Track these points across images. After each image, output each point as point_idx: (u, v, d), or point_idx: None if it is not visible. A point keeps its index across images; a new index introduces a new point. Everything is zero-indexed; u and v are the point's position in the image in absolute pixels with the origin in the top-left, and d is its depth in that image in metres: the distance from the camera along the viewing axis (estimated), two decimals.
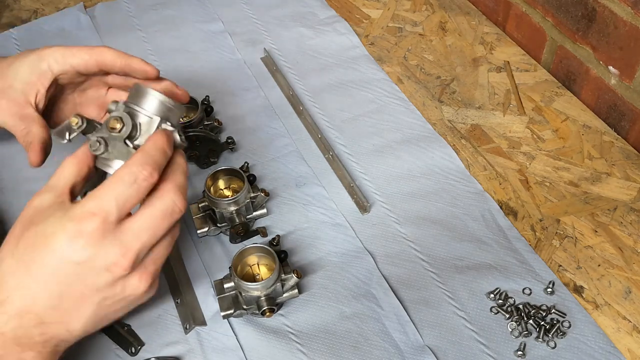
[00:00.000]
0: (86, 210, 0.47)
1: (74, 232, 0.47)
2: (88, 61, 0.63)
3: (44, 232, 0.48)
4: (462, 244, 0.70)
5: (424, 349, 0.61)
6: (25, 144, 0.63)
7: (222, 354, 0.61)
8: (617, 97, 0.82)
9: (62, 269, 0.47)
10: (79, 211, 0.47)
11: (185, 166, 0.52)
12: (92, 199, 0.48)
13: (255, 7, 1.02)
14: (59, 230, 0.47)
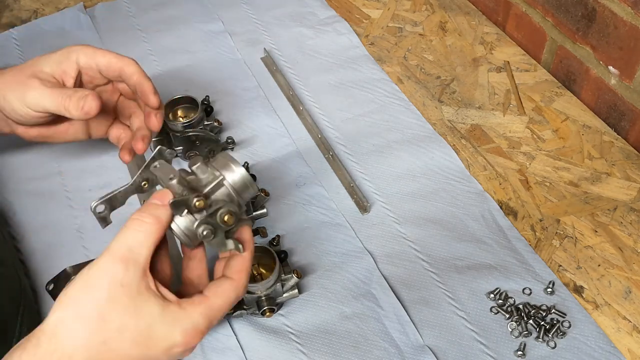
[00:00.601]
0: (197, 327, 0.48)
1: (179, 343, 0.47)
2: (114, 64, 0.64)
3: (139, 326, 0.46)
4: (462, 244, 0.70)
5: (424, 349, 0.61)
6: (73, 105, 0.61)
7: (222, 354, 0.61)
8: (617, 97, 0.82)
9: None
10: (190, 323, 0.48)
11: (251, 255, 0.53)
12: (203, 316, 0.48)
13: (255, 7, 1.02)
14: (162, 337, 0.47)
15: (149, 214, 0.48)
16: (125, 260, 0.46)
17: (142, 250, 0.47)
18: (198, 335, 0.48)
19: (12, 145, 0.81)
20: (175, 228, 0.50)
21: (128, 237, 0.47)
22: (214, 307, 0.49)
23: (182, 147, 0.76)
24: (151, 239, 0.48)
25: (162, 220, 0.48)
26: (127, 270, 0.46)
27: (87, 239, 0.70)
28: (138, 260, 0.47)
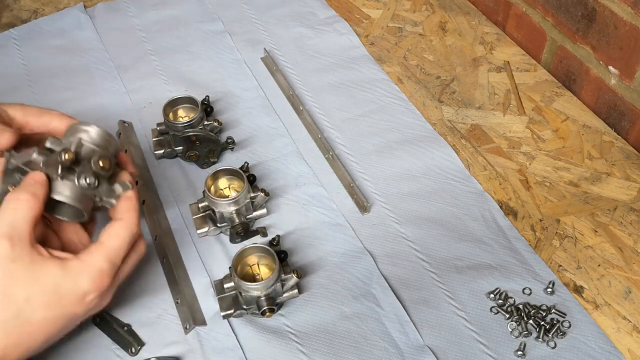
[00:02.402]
0: (102, 270, 0.52)
1: (90, 289, 0.51)
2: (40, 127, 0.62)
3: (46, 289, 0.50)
4: (462, 244, 0.70)
5: (424, 349, 0.61)
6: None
7: (222, 354, 0.61)
8: (617, 97, 0.82)
9: (68, 321, 0.52)
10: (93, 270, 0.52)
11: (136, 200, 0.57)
12: (106, 261, 0.52)
13: (255, 7, 1.02)
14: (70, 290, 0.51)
15: (24, 192, 0.51)
16: (9, 237, 0.49)
17: (23, 225, 0.50)
18: (105, 278, 0.52)
19: None
20: (63, 197, 0.52)
21: (8, 216, 0.50)
22: (111, 249, 0.53)
23: (182, 147, 0.76)
24: (30, 213, 0.50)
25: (38, 195, 0.51)
26: (14, 245, 0.49)
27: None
28: (22, 235, 0.49)
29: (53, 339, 0.53)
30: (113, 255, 0.53)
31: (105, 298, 0.55)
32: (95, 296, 0.52)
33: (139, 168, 0.77)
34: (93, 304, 0.53)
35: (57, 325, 0.51)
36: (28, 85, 0.89)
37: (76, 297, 0.51)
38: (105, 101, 0.86)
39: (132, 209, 0.55)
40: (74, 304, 0.51)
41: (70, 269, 0.51)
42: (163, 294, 0.66)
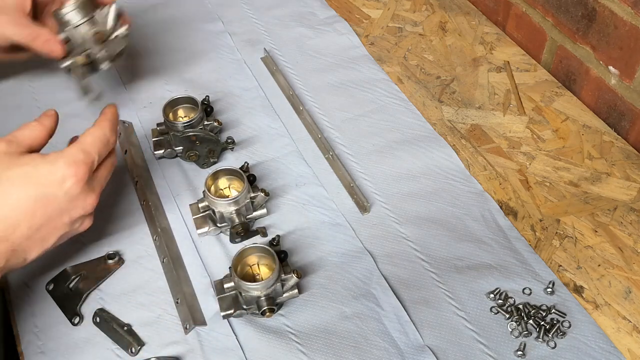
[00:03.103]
0: (77, 158, 0.57)
1: (67, 174, 0.56)
2: None
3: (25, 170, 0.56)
4: (462, 244, 0.70)
5: (424, 349, 0.61)
6: (39, 44, 0.73)
7: (222, 354, 0.61)
8: (617, 97, 0.82)
9: (49, 204, 0.56)
10: (69, 156, 0.57)
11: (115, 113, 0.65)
12: (80, 151, 0.58)
13: (255, 7, 1.02)
14: (47, 171, 0.56)
15: (35, 121, 0.60)
16: (8, 141, 0.57)
17: (23, 137, 0.58)
18: (80, 164, 0.57)
19: None
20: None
21: (16, 131, 0.59)
22: (85, 142, 0.59)
23: (182, 147, 0.76)
24: (34, 132, 0.59)
25: (45, 124, 0.60)
26: (9, 145, 0.57)
27: (87, 239, 0.70)
28: (20, 141, 0.58)
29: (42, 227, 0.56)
30: (87, 147, 0.58)
31: (90, 196, 0.59)
32: (74, 182, 0.57)
33: (139, 168, 0.77)
34: (74, 191, 0.57)
35: (38, 205, 0.55)
36: (28, 85, 0.89)
37: (54, 178, 0.56)
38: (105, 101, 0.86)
39: (106, 119, 0.62)
40: (52, 184, 0.56)
41: (48, 157, 0.57)
42: (163, 294, 0.66)
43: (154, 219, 0.72)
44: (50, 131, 0.61)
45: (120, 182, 0.76)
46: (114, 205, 0.74)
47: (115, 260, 0.67)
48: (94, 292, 0.66)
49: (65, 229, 0.59)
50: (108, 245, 0.70)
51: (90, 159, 0.58)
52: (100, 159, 0.60)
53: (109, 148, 0.62)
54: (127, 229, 0.71)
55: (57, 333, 0.63)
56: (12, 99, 0.86)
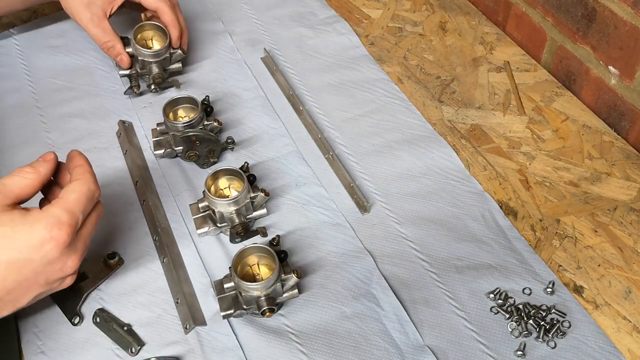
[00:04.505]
0: (60, 219, 0.53)
1: (47, 238, 0.52)
2: (151, 5, 0.84)
3: (3, 231, 0.52)
4: (462, 244, 0.70)
5: (424, 349, 0.61)
6: (113, 54, 0.84)
7: (222, 354, 0.61)
8: (617, 97, 0.82)
9: (23, 268, 0.52)
10: (50, 218, 0.53)
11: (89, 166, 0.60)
12: (63, 211, 0.54)
13: (255, 7, 1.02)
14: (26, 234, 0.52)
15: (29, 166, 0.57)
16: None
17: (13, 187, 0.54)
18: (63, 227, 0.53)
19: (13, 145, 0.81)
20: None
21: (6, 178, 0.55)
22: (69, 200, 0.55)
23: (182, 147, 0.76)
24: (25, 182, 0.55)
25: (40, 172, 0.57)
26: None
27: None
28: (7, 193, 0.54)
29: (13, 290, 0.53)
30: (71, 206, 0.54)
31: (70, 257, 0.55)
32: (54, 246, 0.53)
33: (139, 168, 0.77)
34: (52, 255, 0.53)
35: (11, 270, 0.52)
36: (28, 85, 0.89)
37: (32, 242, 0.52)
38: (105, 101, 0.86)
39: (86, 171, 0.58)
40: (29, 249, 0.52)
41: (28, 216, 0.53)
42: (163, 294, 0.66)
43: (154, 219, 0.72)
44: (44, 179, 0.57)
45: (120, 182, 0.76)
46: (113, 206, 0.74)
47: (115, 260, 0.67)
48: (94, 292, 0.66)
49: (40, 289, 0.55)
50: (108, 245, 0.70)
51: (74, 220, 0.54)
52: (85, 216, 0.56)
53: (94, 202, 0.58)
54: (127, 229, 0.71)
55: (57, 333, 0.63)
56: (12, 99, 0.86)
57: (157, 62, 0.84)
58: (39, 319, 0.64)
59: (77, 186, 0.56)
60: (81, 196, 0.55)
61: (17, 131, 0.82)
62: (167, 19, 0.84)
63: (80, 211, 0.55)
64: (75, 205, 0.55)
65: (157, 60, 0.84)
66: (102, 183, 0.75)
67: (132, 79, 0.85)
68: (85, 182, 0.57)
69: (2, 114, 0.85)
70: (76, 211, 0.54)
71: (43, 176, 0.57)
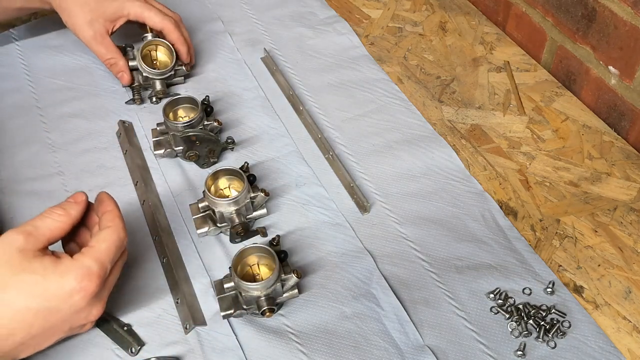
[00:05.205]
0: (90, 270, 0.53)
1: (76, 289, 0.53)
2: (156, 25, 0.84)
3: (34, 279, 0.52)
4: (462, 244, 0.70)
5: (424, 349, 0.61)
6: (115, 71, 0.84)
7: (222, 354, 0.61)
8: (617, 97, 0.82)
9: (50, 316, 0.53)
10: (81, 269, 0.53)
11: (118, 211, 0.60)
12: (94, 262, 0.54)
13: (255, 7, 1.02)
14: (56, 285, 0.52)
15: (60, 207, 0.57)
16: (27, 233, 0.53)
17: (45, 230, 0.54)
18: (93, 278, 0.53)
19: (13, 145, 0.81)
20: None
21: (37, 219, 0.55)
22: (100, 250, 0.55)
23: (182, 147, 0.76)
24: (56, 224, 0.55)
25: (71, 214, 0.57)
26: (27, 241, 0.53)
27: None
28: (39, 237, 0.54)
29: (38, 336, 0.53)
30: (102, 256, 0.55)
31: (96, 306, 0.56)
32: (82, 297, 0.53)
33: (139, 168, 0.77)
34: (79, 305, 0.53)
35: (38, 318, 0.52)
36: (28, 85, 0.89)
37: (61, 292, 0.52)
38: (105, 101, 0.86)
39: (116, 217, 0.58)
40: (58, 299, 0.52)
41: (60, 264, 0.53)
42: (163, 294, 0.66)
43: (154, 219, 0.72)
44: (74, 222, 0.57)
45: (120, 182, 0.76)
46: None
47: None
48: None
49: (63, 335, 0.56)
50: None
51: (104, 271, 0.54)
52: (113, 265, 0.57)
53: (122, 249, 0.58)
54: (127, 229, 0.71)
55: None
56: (12, 99, 0.86)
57: (162, 79, 0.85)
58: None
59: (108, 235, 0.56)
60: (111, 246, 0.56)
61: (17, 131, 0.82)
62: (173, 38, 0.84)
63: (110, 261, 0.55)
64: (106, 256, 0.55)
65: (161, 78, 0.85)
66: (102, 183, 0.76)
67: (135, 92, 0.85)
68: (115, 230, 0.57)
69: (2, 114, 0.85)
70: (106, 261, 0.55)
71: (73, 219, 0.57)
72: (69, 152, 0.80)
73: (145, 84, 0.85)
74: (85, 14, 0.82)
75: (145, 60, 0.83)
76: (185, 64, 0.87)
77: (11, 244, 0.52)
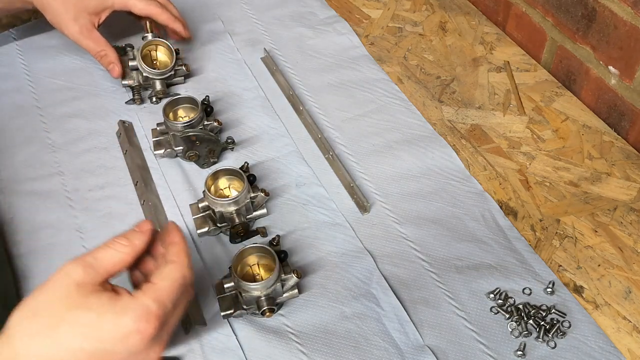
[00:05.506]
0: (149, 310, 0.49)
1: (133, 330, 0.48)
2: (142, 12, 0.84)
3: (89, 318, 0.48)
4: (462, 244, 0.70)
5: (424, 349, 0.61)
6: (105, 63, 0.84)
7: (222, 354, 0.61)
8: (617, 97, 0.82)
9: (106, 358, 0.48)
10: (140, 309, 0.49)
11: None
12: (154, 302, 0.50)
13: (255, 7, 1.02)
14: (112, 325, 0.48)
15: (124, 237, 0.53)
16: (87, 265, 0.50)
17: (105, 262, 0.51)
18: (152, 319, 0.49)
19: (13, 145, 0.81)
20: None
21: (99, 250, 0.51)
22: (162, 289, 0.51)
23: (182, 147, 0.76)
24: (119, 256, 0.52)
25: (135, 245, 0.53)
26: (86, 273, 0.49)
27: (87, 239, 0.70)
28: (99, 269, 0.50)
29: None
30: (163, 296, 0.50)
31: (154, 348, 0.51)
32: (139, 339, 0.49)
33: (139, 168, 0.77)
34: (136, 347, 0.49)
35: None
36: (28, 85, 0.89)
37: (117, 334, 0.48)
38: (105, 101, 0.86)
39: (182, 251, 0.54)
40: (114, 341, 0.48)
41: (118, 302, 0.49)
42: None
43: (154, 219, 0.71)
44: (138, 253, 0.53)
45: (120, 182, 0.76)
46: (113, 206, 0.74)
47: None
48: None
49: None
50: None
51: (164, 312, 0.50)
52: (175, 305, 0.52)
53: (186, 288, 0.53)
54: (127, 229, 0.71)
55: None
56: (12, 99, 0.86)
57: (162, 79, 0.85)
58: None
59: (171, 272, 0.52)
60: (174, 284, 0.51)
61: (17, 131, 0.82)
62: (164, 19, 0.85)
63: (171, 301, 0.51)
64: (167, 295, 0.51)
65: (161, 78, 0.84)
66: (102, 183, 0.76)
67: (135, 92, 0.85)
68: (179, 267, 0.53)
69: (2, 114, 0.85)
70: (167, 302, 0.50)
71: (138, 250, 0.53)
72: (69, 152, 0.80)
73: (145, 84, 0.85)
74: (68, 10, 0.81)
75: (145, 60, 0.83)
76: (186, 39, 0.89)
77: (69, 277, 0.49)
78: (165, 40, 0.85)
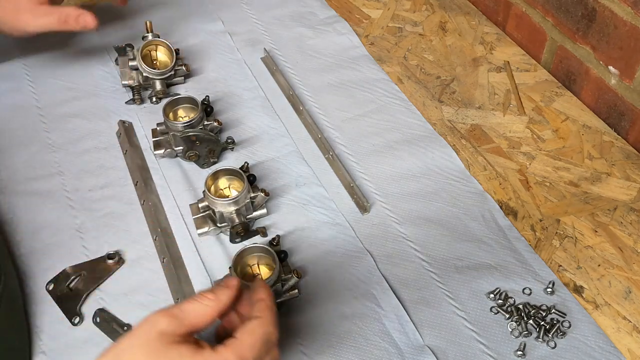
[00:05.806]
0: None
1: None
2: None
3: None
4: (462, 244, 0.70)
5: (424, 349, 0.61)
6: (72, 24, 0.77)
7: None
8: (617, 97, 0.82)
9: None
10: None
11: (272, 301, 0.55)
12: (233, 354, 0.48)
13: (255, 7, 1.02)
14: None
15: (211, 292, 0.52)
16: (172, 316, 0.49)
17: (191, 315, 0.50)
18: None
19: (13, 145, 0.81)
20: None
21: (186, 303, 0.50)
22: (244, 344, 0.49)
23: (182, 147, 0.76)
24: (204, 309, 0.50)
25: (221, 300, 0.51)
26: (169, 324, 0.48)
27: (87, 239, 0.70)
28: (183, 320, 0.49)
29: None
30: (245, 352, 0.49)
31: None
32: None
33: (139, 168, 0.77)
34: None
35: None
36: (29, 85, 0.89)
37: None
38: (105, 101, 0.86)
39: (268, 308, 0.53)
40: None
41: (198, 355, 0.48)
42: (163, 294, 0.66)
43: (154, 219, 0.72)
44: (224, 309, 0.52)
45: (120, 182, 0.76)
46: (114, 206, 0.74)
47: (115, 260, 0.67)
48: (94, 292, 0.66)
49: None
50: (108, 245, 0.70)
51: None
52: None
53: (270, 345, 0.51)
54: (127, 229, 0.71)
55: (57, 333, 0.63)
56: (13, 99, 0.86)
57: (162, 79, 0.85)
58: (39, 319, 0.64)
59: (255, 327, 0.51)
60: (257, 340, 0.50)
61: (17, 131, 0.82)
62: None
63: (253, 357, 0.49)
64: (249, 351, 0.49)
65: (161, 78, 0.84)
66: (102, 183, 0.76)
67: (135, 91, 0.85)
68: (264, 323, 0.51)
69: (2, 114, 0.85)
70: (249, 357, 0.49)
71: (224, 305, 0.52)
72: (69, 152, 0.80)
73: (145, 84, 0.85)
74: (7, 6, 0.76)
75: (145, 60, 0.83)
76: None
77: (154, 325, 0.48)
78: (165, 41, 0.84)
